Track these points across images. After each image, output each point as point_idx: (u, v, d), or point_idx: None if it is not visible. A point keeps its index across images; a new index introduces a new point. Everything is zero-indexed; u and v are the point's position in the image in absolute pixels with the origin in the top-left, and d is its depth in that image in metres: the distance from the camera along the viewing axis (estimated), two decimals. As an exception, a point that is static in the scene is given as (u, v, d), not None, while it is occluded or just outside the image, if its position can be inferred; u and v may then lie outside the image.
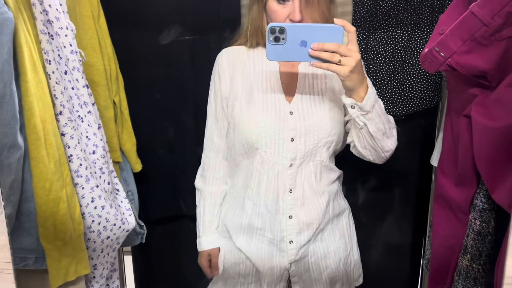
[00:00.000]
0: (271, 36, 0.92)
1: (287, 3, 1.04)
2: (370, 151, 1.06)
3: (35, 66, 0.83)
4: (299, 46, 0.92)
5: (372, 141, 1.03)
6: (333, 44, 0.90)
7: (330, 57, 0.90)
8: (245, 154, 1.12)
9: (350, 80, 0.93)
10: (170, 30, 1.38)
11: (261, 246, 1.12)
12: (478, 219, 1.01)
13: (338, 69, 0.91)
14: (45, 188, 0.84)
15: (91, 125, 1.00)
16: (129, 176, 1.35)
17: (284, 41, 0.92)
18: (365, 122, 0.99)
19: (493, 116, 0.88)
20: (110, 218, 1.02)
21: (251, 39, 1.15)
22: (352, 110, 0.98)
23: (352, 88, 0.95)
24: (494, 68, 0.89)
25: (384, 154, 1.07)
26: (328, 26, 0.91)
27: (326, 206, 1.12)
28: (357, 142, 1.06)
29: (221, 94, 1.15)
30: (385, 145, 1.05)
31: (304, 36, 0.91)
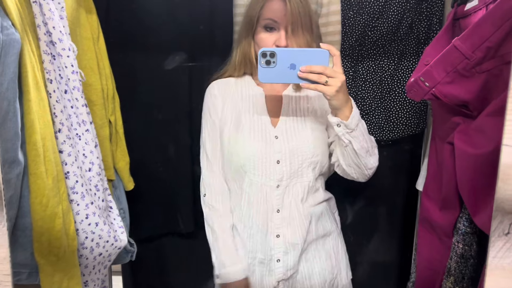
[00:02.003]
0: (263, 59, 0.98)
1: (273, 32, 1.12)
2: (354, 168, 1.12)
3: (37, 85, 0.86)
4: (289, 69, 0.99)
5: (357, 159, 1.09)
6: (320, 66, 0.98)
7: (318, 78, 0.98)
8: (234, 177, 1.17)
9: (336, 100, 1.00)
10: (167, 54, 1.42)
11: (253, 268, 1.15)
12: (461, 242, 1.04)
13: (325, 89, 0.98)
14: (42, 203, 0.86)
15: (88, 143, 1.02)
16: (121, 194, 1.36)
17: (274, 64, 0.99)
18: (350, 140, 1.05)
19: (475, 144, 0.92)
20: (103, 235, 1.03)
21: (239, 68, 1.22)
22: (338, 129, 1.04)
23: (338, 107, 1.02)
24: (475, 99, 0.95)
25: (367, 171, 1.13)
26: (315, 50, 0.99)
27: (309, 226, 1.16)
28: (341, 160, 1.12)
29: (213, 122, 1.20)
30: (368, 163, 1.11)
31: (293, 59, 0.98)
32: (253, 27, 1.15)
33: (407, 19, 1.44)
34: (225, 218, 1.18)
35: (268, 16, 1.12)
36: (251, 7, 1.17)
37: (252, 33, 1.17)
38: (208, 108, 1.23)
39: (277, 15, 1.11)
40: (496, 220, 0.60)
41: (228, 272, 1.14)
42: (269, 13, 1.12)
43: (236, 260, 1.14)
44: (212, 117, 1.22)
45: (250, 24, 1.16)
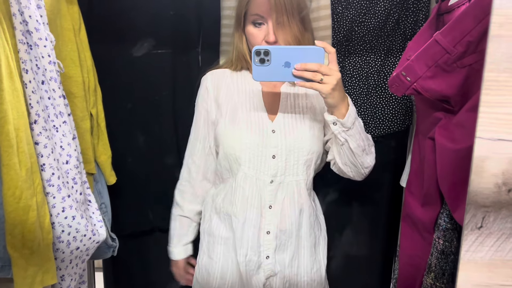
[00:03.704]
0: (257, 58, 0.97)
1: (262, 26, 1.10)
2: (351, 167, 1.10)
3: (11, 75, 0.84)
4: (283, 67, 0.97)
5: (353, 157, 1.07)
6: (315, 64, 0.96)
7: (313, 76, 0.96)
8: (229, 170, 1.16)
9: (332, 98, 0.98)
10: (149, 45, 1.40)
11: (242, 264, 1.13)
12: (442, 238, 1.04)
13: (320, 87, 0.96)
14: (15, 195, 0.84)
15: (65, 135, 1.01)
16: (103, 189, 1.34)
17: (269, 63, 0.97)
18: (346, 138, 1.04)
19: (455, 139, 0.92)
20: (81, 229, 1.02)
21: (236, 63, 1.22)
22: (334, 127, 1.03)
23: (334, 105, 1.00)
24: (457, 93, 0.94)
25: (363, 170, 1.12)
26: (310, 48, 0.97)
27: (303, 224, 1.15)
28: (338, 158, 1.10)
29: (206, 115, 1.19)
30: (365, 161, 1.10)
31: (287, 57, 0.96)
32: (242, 23, 1.15)
33: (393, 15, 1.43)
34: (182, 208, 1.28)
35: (254, 12, 1.11)
36: (239, 3, 1.16)
37: (242, 29, 1.16)
38: (198, 100, 1.22)
39: (263, 10, 1.10)
40: (469, 213, 0.59)
41: (170, 252, 1.30)
42: (255, 8, 1.11)
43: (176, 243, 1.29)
44: (200, 110, 1.21)
45: (239, 21, 1.15)
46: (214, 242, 1.19)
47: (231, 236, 1.15)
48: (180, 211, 1.27)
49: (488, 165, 0.57)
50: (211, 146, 1.21)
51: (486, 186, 0.58)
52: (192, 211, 1.27)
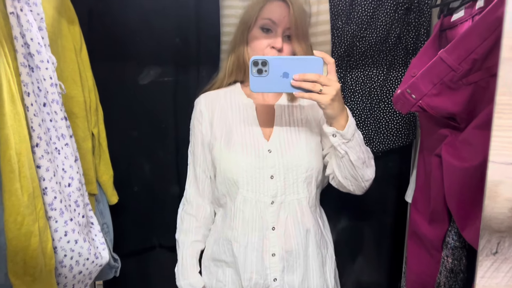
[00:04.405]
0: (254, 68, 0.95)
1: (270, 33, 1.10)
2: (351, 180, 1.08)
3: (13, 99, 0.83)
4: (281, 78, 0.95)
5: (353, 170, 1.05)
6: (314, 74, 0.94)
7: (312, 86, 0.94)
8: (227, 194, 1.14)
9: (331, 109, 0.96)
10: (150, 67, 1.40)
11: (248, 285, 1.11)
12: (450, 256, 1.02)
13: (319, 98, 0.94)
14: (17, 222, 0.82)
15: (67, 157, 0.99)
16: (105, 209, 1.33)
17: (266, 73, 0.95)
18: (346, 151, 1.02)
19: (462, 157, 0.91)
20: (83, 253, 1.00)
21: (230, 74, 1.20)
22: (334, 139, 1.01)
23: (333, 117, 0.98)
24: (462, 111, 0.93)
25: (364, 183, 1.09)
26: (309, 58, 0.95)
27: (309, 243, 1.13)
28: (337, 172, 1.08)
29: (202, 138, 1.18)
30: (365, 174, 1.07)
31: (285, 67, 0.95)
32: (249, 29, 1.13)
33: (395, 30, 1.43)
34: (190, 234, 1.21)
35: (267, 16, 1.10)
36: (249, 8, 1.15)
37: (247, 36, 1.14)
38: (194, 124, 1.21)
39: (277, 17, 1.09)
40: (484, 239, 0.58)
41: (180, 284, 1.19)
42: (268, 13, 1.10)
43: (187, 275, 1.19)
44: (196, 133, 1.19)
45: (247, 25, 1.13)
46: (216, 267, 1.17)
47: (234, 261, 1.13)
48: (195, 236, 1.21)
49: (502, 189, 0.56)
50: (209, 169, 1.19)
51: (500, 211, 0.57)
52: (204, 236, 1.22)
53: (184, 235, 1.21)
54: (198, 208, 1.22)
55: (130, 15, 1.36)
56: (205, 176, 1.20)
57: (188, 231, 1.21)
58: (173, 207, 1.29)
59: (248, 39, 1.13)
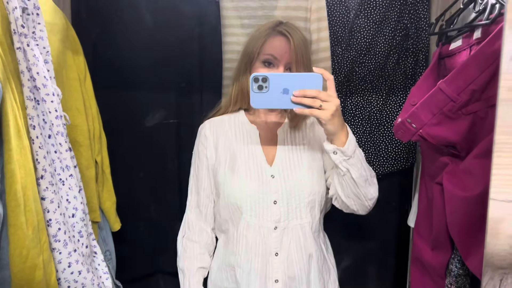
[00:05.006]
0: (255, 84, 0.96)
1: (272, 67, 1.12)
2: (354, 199, 1.07)
3: (19, 133, 0.84)
4: (282, 94, 0.96)
5: (356, 189, 1.05)
6: (314, 90, 0.95)
7: (312, 102, 0.95)
8: (230, 220, 1.14)
9: (331, 124, 0.97)
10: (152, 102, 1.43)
11: None
12: (454, 284, 1.02)
13: (319, 114, 0.95)
14: (22, 255, 0.83)
15: (72, 188, 1.00)
16: (107, 236, 1.33)
17: (267, 89, 0.96)
18: (347, 168, 1.02)
19: (464, 186, 0.92)
20: (87, 284, 1.00)
21: (235, 102, 1.21)
22: (335, 156, 1.01)
23: (333, 133, 0.99)
24: (463, 140, 0.94)
25: (367, 202, 1.08)
26: (308, 74, 0.97)
27: (312, 269, 1.12)
28: (340, 191, 1.08)
29: (207, 163, 1.19)
30: (368, 193, 1.07)
31: (286, 84, 0.96)
32: (252, 62, 1.15)
33: (393, 56, 1.45)
34: (195, 261, 1.20)
35: (268, 52, 1.12)
36: (252, 42, 1.17)
37: (250, 68, 1.16)
38: (198, 149, 1.22)
39: (278, 52, 1.11)
40: (487, 275, 0.58)
41: None
42: (270, 49, 1.12)
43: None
44: (201, 158, 1.20)
45: (249, 59, 1.16)
46: None
47: (237, 287, 1.12)
48: (200, 263, 1.20)
49: (504, 227, 0.57)
50: (213, 194, 1.20)
51: (502, 248, 0.57)
52: (208, 262, 1.21)
53: (188, 262, 1.20)
54: (200, 234, 1.21)
55: (132, 44, 1.38)
56: (208, 201, 1.20)
57: (192, 258, 1.20)
58: (175, 233, 1.29)
59: (251, 71, 1.15)
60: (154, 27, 1.39)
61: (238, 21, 1.44)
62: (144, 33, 1.38)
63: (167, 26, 1.39)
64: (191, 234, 1.22)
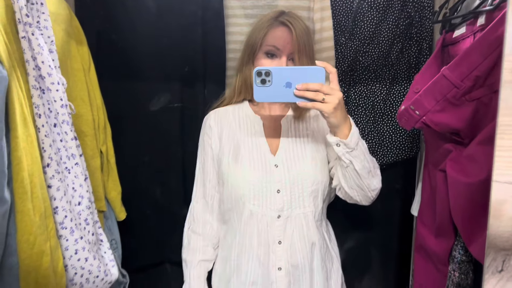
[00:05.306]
0: (258, 78, 0.97)
1: (274, 58, 1.12)
2: (357, 190, 1.09)
3: (25, 121, 0.85)
4: (285, 87, 0.97)
5: (359, 180, 1.06)
6: (317, 83, 0.96)
7: (314, 96, 0.96)
8: (233, 209, 1.15)
9: (334, 117, 0.98)
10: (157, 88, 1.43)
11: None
12: (457, 271, 1.03)
13: (322, 107, 0.96)
14: (29, 241, 0.84)
15: (77, 176, 1.01)
16: (113, 225, 1.34)
17: (270, 83, 0.97)
18: (351, 160, 1.03)
19: (467, 172, 0.92)
20: (93, 270, 1.01)
21: (239, 94, 1.22)
22: (338, 148, 1.02)
23: (336, 125, 1.00)
24: (466, 127, 0.94)
25: (370, 193, 1.10)
26: (311, 68, 0.97)
27: (314, 257, 1.13)
28: (343, 182, 1.09)
29: (211, 154, 1.19)
30: (371, 184, 1.08)
31: (288, 77, 0.97)
32: (255, 53, 1.16)
33: (397, 44, 1.45)
34: (197, 254, 1.21)
35: (271, 43, 1.13)
36: (254, 33, 1.17)
37: (253, 59, 1.17)
38: (203, 139, 1.23)
39: (280, 43, 1.12)
40: (489, 257, 0.59)
41: None
42: (272, 40, 1.13)
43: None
44: (206, 148, 1.21)
45: (252, 50, 1.16)
46: (223, 282, 1.17)
47: (240, 275, 1.13)
48: (202, 256, 1.21)
49: (506, 208, 0.57)
50: (219, 184, 1.21)
51: (505, 229, 0.58)
52: (212, 254, 1.22)
53: (191, 254, 1.21)
54: (204, 226, 1.22)
55: (137, 41, 1.38)
56: (214, 192, 1.21)
57: (195, 251, 1.21)
58: (180, 222, 1.30)
59: (254, 62, 1.16)
60: (157, 12, 1.39)
61: (241, 11, 1.44)
62: (148, 19, 1.38)
63: (170, 11, 1.39)
64: (195, 226, 1.23)
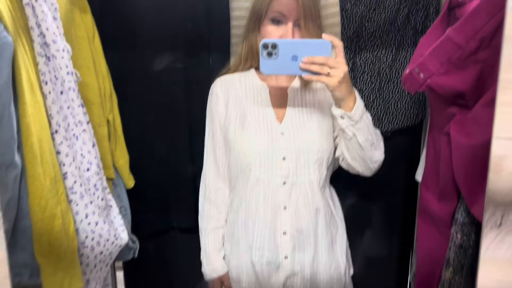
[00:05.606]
0: (264, 51, 0.97)
1: (280, 25, 1.11)
2: (359, 162, 1.10)
3: (32, 88, 0.86)
4: (291, 60, 0.98)
5: (361, 152, 1.07)
6: (322, 57, 0.96)
7: (320, 69, 0.96)
8: (240, 176, 1.17)
9: (339, 91, 0.99)
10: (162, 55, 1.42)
11: (260, 266, 1.15)
12: (459, 232, 1.04)
13: (327, 80, 0.97)
14: (41, 205, 0.86)
15: (85, 143, 1.03)
16: (122, 192, 1.37)
17: (276, 56, 0.98)
18: (354, 132, 1.04)
19: (470, 134, 0.92)
20: (104, 234, 1.04)
21: (245, 61, 1.22)
22: (342, 121, 1.03)
23: (341, 99, 1.01)
24: (471, 89, 0.94)
25: (372, 165, 1.12)
26: (317, 41, 0.97)
27: (319, 223, 1.16)
28: (346, 154, 1.10)
29: (218, 121, 1.20)
30: (374, 156, 1.10)
31: (295, 50, 0.97)
32: (260, 20, 1.15)
33: (403, 10, 1.43)
34: (211, 221, 1.23)
35: (276, 9, 1.12)
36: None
37: (259, 26, 1.16)
38: (211, 107, 1.23)
39: (286, 9, 1.11)
40: (488, 212, 0.60)
41: (205, 270, 1.24)
42: (277, 6, 1.12)
43: (210, 261, 1.22)
44: (214, 116, 1.22)
45: (258, 17, 1.15)
46: (230, 243, 1.20)
47: (246, 238, 1.16)
48: (216, 223, 1.23)
49: (507, 163, 0.58)
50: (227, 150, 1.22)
51: (504, 185, 0.59)
52: (225, 220, 1.24)
53: (205, 222, 1.24)
54: (217, 193, 1.24)
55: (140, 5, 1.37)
56: (225, 159, 1.22)
57: (209, 218, 1.24)
58: (188, 189, 1.33)
59: (260, 29, 1.15)
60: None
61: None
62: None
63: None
64: (208, 193, 1.25)
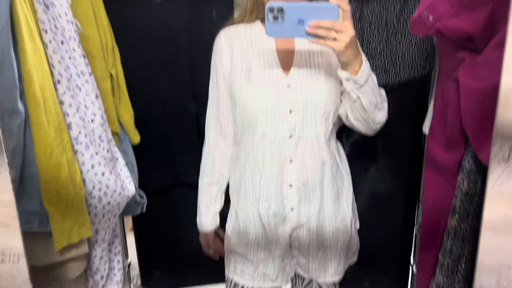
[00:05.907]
0: (270, 14, 0.96)
1: None
2: (362, 123, 1.11)
3: (32, 35, 0.85)
4: (297, 24, 0.96)
5: (365, 114, 1.07)
6: (329, 21, 0.94)
7: (326, 33, 0.95)
8: (246, 130, 1.16)
9: (345, 55, 0.98)
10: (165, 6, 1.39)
11: (267, 218, 1.16)
12: (466, 180, 1.04)
13: (333, 45, 0.96)
14: (47, 153, 0.87)
15: (88, 94, 1.02)
16: (128, 148, 1.37)
17: (282, 20, 0.96)
18: (358, 95, 1.04)
19: (479, 77, 0.90)
20: (110, 185, 1.05)
21: (250, 12, 1.19)
22: (347, 83, 1.03)
23: (347, 63, 1.00)
24: (481, 31, 0.91)
25: (375, 126, 1.12)
26: (324, 5, 0.95)
27: (325, 176, 1.16)
28: (349, 114, 1.11)
29: (223, 74, 1.18)
30: (376, 118, 1.10)
31: (301, 14, 0.95)
32: None
33: (412, -44, 1.37)
34: (205, 177, 1.25)
35: None
36: None
37: None
38: (215, 60, 1.21)
39: None
40: (496, 146, 0.59)
41: (199, 223, 1.29)
42: None
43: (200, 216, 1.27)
44: (218, 69, 1.19)
45: None
46: (237, 198, 1.21)
47: (253, 191, 1.17)
48: (209, 179, 1.25)
49: (516, 96, 0.56)
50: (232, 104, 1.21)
51: (513, 118, 0.57)
52: (223, 176, 1.25)
53: (200, 178, 1.27)
54: (215, 149, 1.24)
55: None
56: (228, 113, 1.21)
57: (203, 173, 1.26)
58: (193, 145, 1.33)
59: None
60: None
61: None
62: None
63: None
64: (207, 148, 1.25)
